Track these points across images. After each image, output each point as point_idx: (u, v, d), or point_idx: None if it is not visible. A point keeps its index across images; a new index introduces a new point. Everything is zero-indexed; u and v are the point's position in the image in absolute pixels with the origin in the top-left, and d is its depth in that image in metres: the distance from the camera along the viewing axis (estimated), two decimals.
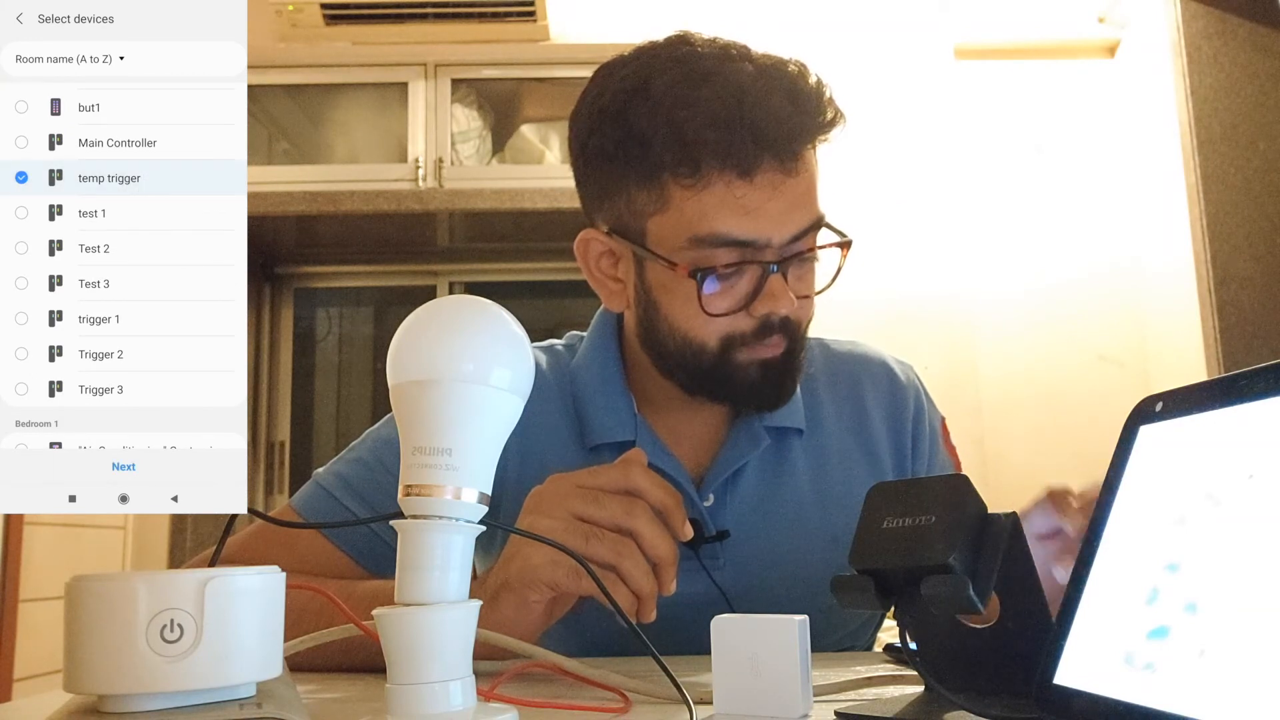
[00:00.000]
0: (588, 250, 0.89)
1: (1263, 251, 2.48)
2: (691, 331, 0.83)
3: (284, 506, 0.92)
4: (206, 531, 2.64)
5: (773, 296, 0.81)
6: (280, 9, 2.61)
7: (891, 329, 2.59)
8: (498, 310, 0.50)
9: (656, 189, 0.81)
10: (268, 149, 2.90)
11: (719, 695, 0.51)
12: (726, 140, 0.77)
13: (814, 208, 0.83)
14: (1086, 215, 2.81)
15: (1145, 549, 0.42)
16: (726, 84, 0.78)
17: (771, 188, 0.79)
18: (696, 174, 0.79)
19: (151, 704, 0.43)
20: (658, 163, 0.80)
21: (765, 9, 2.75)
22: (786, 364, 0.85)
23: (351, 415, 3.10)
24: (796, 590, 0.88)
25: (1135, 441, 0.46)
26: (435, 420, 0.47)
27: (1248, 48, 2.55)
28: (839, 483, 0.93)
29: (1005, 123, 2.85)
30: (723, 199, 0.79)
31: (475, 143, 2.79)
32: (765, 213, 0.79)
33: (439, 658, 0.46)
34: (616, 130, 0.82)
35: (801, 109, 0.80)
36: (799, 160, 0.80)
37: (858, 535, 0.52)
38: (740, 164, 0.78)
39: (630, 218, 0.84)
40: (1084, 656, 0.42)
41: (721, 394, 0.87)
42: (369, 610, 0.48)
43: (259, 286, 3.02)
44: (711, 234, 0.79)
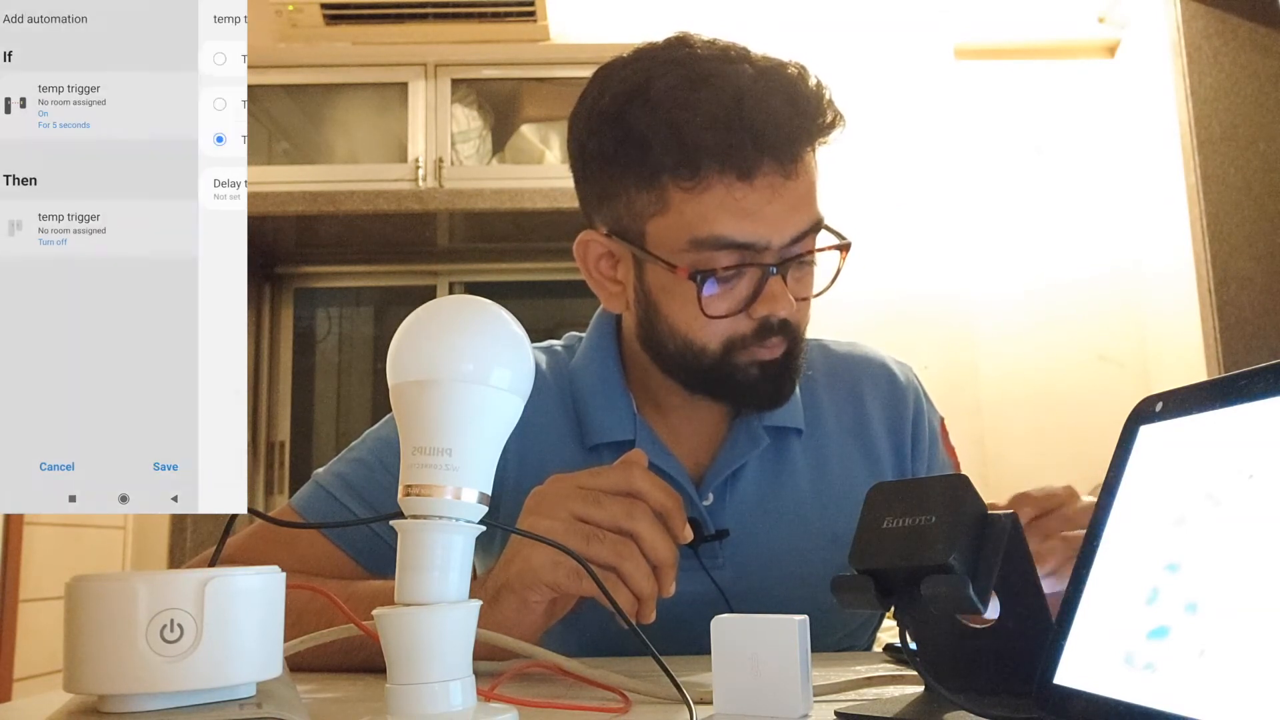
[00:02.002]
0: (587, 252, 0.89)
1: (1263, 251, 2.48)
2: (692, 333, 0.83)
3: (284, 506, 0.92)
4: (206, 531, 2.64)
5: (772, 298, 0.81)
6: (280, 9, 2.61)
7: (891, 329, 2.59)
8: (498, 310, 0.50)
9: (656, 191, 0.81)
10: (268, 149, 2.90)
11: (719, 695, 0.51)
12: (726, 143, 0.77)
13: (813, 210, 0.83)
14: (1086, 215, 2.81)
15: (1145, 549, 0.42)
16: (726, 86, 0.78)
17: (771, 190, 0.79)
18: (696, 176, 0.78)
19: (151, 704, 0.43)
20: (657, 165, 0.80)
21: (765, 9, 2.75)
22: (785, 365, 0.86)
23: (351, 415, 3.10)
24: (796, 590, 0.88)
25: (1135, 441, 0.46)
26: (435, 420, 0.47)
27: (1248, 48, 2.55)
28: (838, 482, 0.93)
29: (1005, 123, 2.85)
30: (723, 201, 0.79)
31: (475, 143, 2.79)
32: (765, 215, 0.79)
33: (439, 658, 0.46)
34: (616, 132, 0.82)
35: (801, 111, 0.80)
36: (798, 163, 0.80)
37: (858, 535, 0.52)
38: (740, 166, 0.78)
39: (630, 220, 0.84)
40: (1084, 656, 0.42)
41: (721, 394, 0.88)
42: (369, 610, 0.48)
43: (259, 286, 3.02)
44: (711, 236, 0.79)
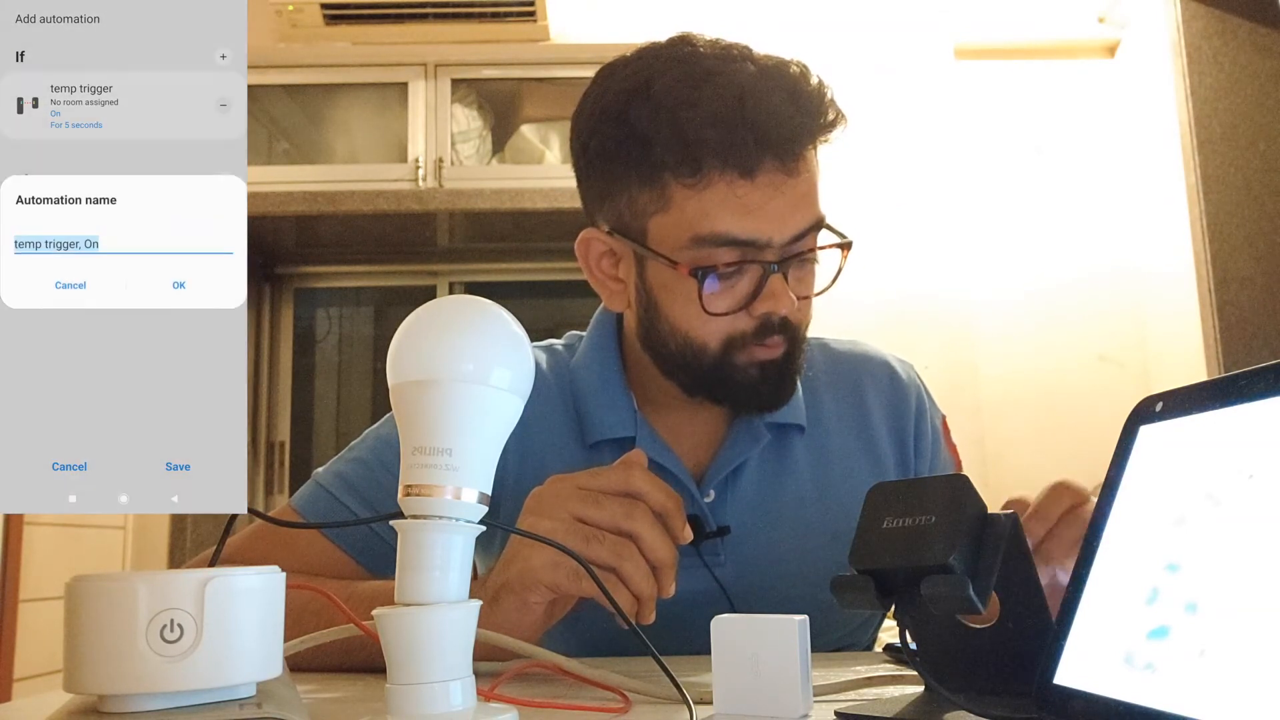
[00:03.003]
0: (589, 250, 0.89)
1: (1263, 251, 2.48)
2: (692, 331, 0.84)
3: (284, 506, 0.92)
4: (206, 531, 2.64)
5: (773, 296, 0.81)
6: (280, 9, 2.61)
7: (891, 329, 2.59)
8: (498, 310, 0.50)
9: (658, 189, 0.81)
10: (268, 149, 2.90)
11: (719, 695, 0.51)
12: (728, 140, 0.77)
13: (815, 208, 0.83)
14: (1086, 215, 2.81)
15: (1145, 549, 0.42)
16: (728, 84, 0.78)
17: (773, 188, 0.79)
18: (698, 173, 0.79)
19: (151, 704, 0.43)
20: (659, 163, 0.80)
21: (765, 9, 2.75)
22: (786, 365, 0.86)
23: (351, 415, 3.10)
24: (797, 587, 0.88)
25: (1135, 441, 0.46)
26: (435, 420, 0.47)
27: (1248, 48, 2.55)
28: (840, 480, 0.93)
29: (1005, 123, 2.85)
30: (724, 199, 0.79)
31: (475, 143, 2.79)
32: (766, 212, 0.79)
33: (439, 658, 0.46)
34: (618, 130, 0.82)
35: (803, 109, 0.80)
36: (800, 161, 0.80)
37: (858, 535, 0.52)
38: (742, 164, 0.78)
39: (631, 217, 0.84)
40: (1084, 656, 0.42)
41: (721, 395, 0.87)
42: (369, 610, 0.48)
43: (259, 286, 3.01)
44: (713, 233, 0.79)
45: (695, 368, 0.85)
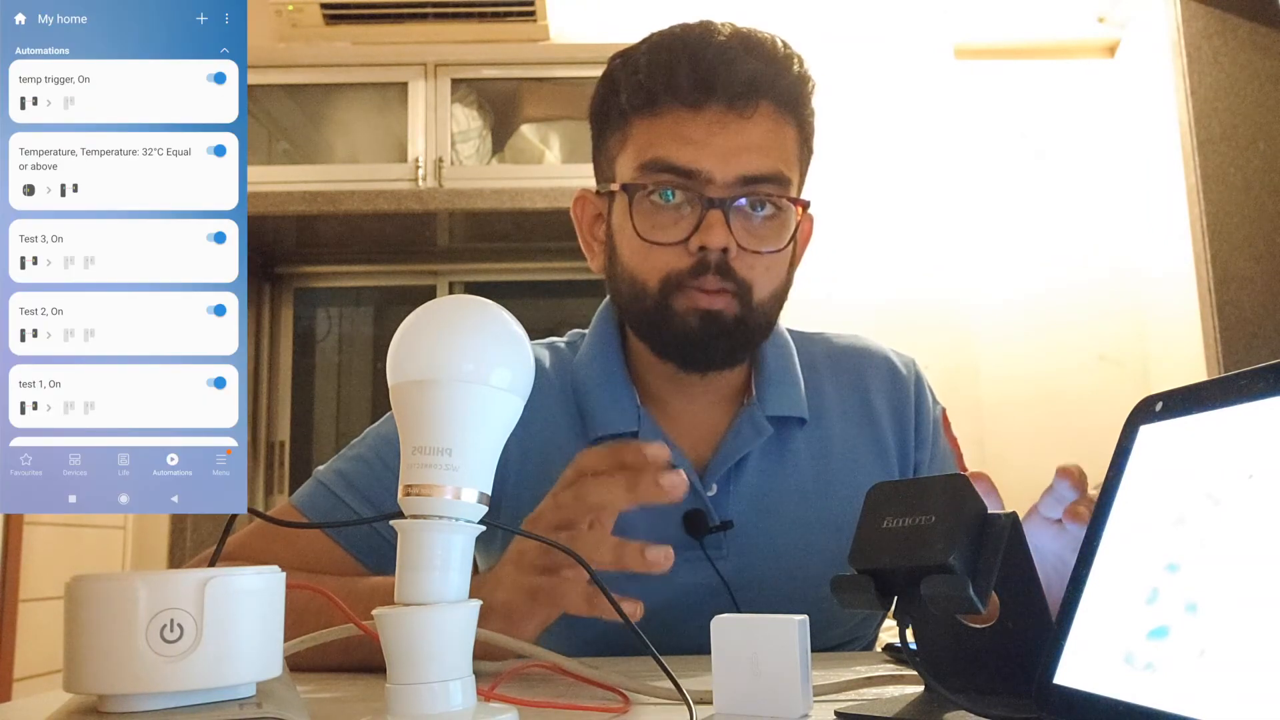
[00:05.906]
0: (583, 211, 0.95)
1: (1263, 251, 2.48)
2: (635, 268, 0.86)
3: (285, 504, 0.92)
4: (206, 531, 2.64)
5: (708, 228, 0.83)
6: (280, 9, 2.61)
7: (891, 330, 2.59)
8: (498, 310, 0.50)
9: (623, 130, 0.88)
10: (268, 149, 2.90)
11: (719, 695, 0.51)
12: (678, 74, 0.83)
13: (771, 161, 0.85)
14: (1086, 215, 2.81)
15: (1145, 549, 0.42)
16: (690, 34, 0.85)
17: (720, 125, 0.83)
18: (653, 107, 0.85)
19: (151, 704, 0.43)
20: (625, 107, 0.86)
21: (766, 9, 2.75)
22: (734, 327, 0.85)
23: (351, 415, 3.10)
24: (800, 581, 0.88)
25: (1135, 441, 0.46)
26: (435, 420, 0.47)
27: (1248, 48, 2.55)
28: (843, 472, 0.94)
29: (1005, 123, 2.85)
30: (670, 129, 0.84)
31: (475, 143, 2.79)
32: (709, 146, 0.83)
33: (439, 657, 0.46)
34: (602, 89, 0.90)
35: (758, 57, 0.85)
36: (753, 107, 0.84)
37: (858, 535, 0.52)
38: (688, 97, 0.83)
39: (605, 164, 0.90)
40: (1084, 656, 0.42)
41: (659, 345, 0.88)
42: (369, 609, 0.48)
43: (259, 286, 3.01)
44: (654, 159, 0.84)
45: (639, 311, 0.87)
